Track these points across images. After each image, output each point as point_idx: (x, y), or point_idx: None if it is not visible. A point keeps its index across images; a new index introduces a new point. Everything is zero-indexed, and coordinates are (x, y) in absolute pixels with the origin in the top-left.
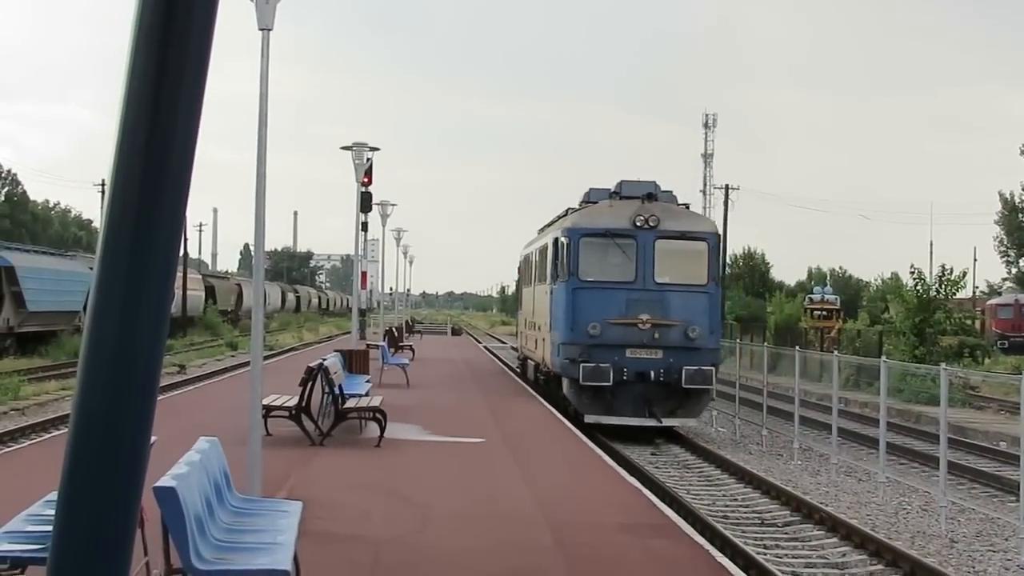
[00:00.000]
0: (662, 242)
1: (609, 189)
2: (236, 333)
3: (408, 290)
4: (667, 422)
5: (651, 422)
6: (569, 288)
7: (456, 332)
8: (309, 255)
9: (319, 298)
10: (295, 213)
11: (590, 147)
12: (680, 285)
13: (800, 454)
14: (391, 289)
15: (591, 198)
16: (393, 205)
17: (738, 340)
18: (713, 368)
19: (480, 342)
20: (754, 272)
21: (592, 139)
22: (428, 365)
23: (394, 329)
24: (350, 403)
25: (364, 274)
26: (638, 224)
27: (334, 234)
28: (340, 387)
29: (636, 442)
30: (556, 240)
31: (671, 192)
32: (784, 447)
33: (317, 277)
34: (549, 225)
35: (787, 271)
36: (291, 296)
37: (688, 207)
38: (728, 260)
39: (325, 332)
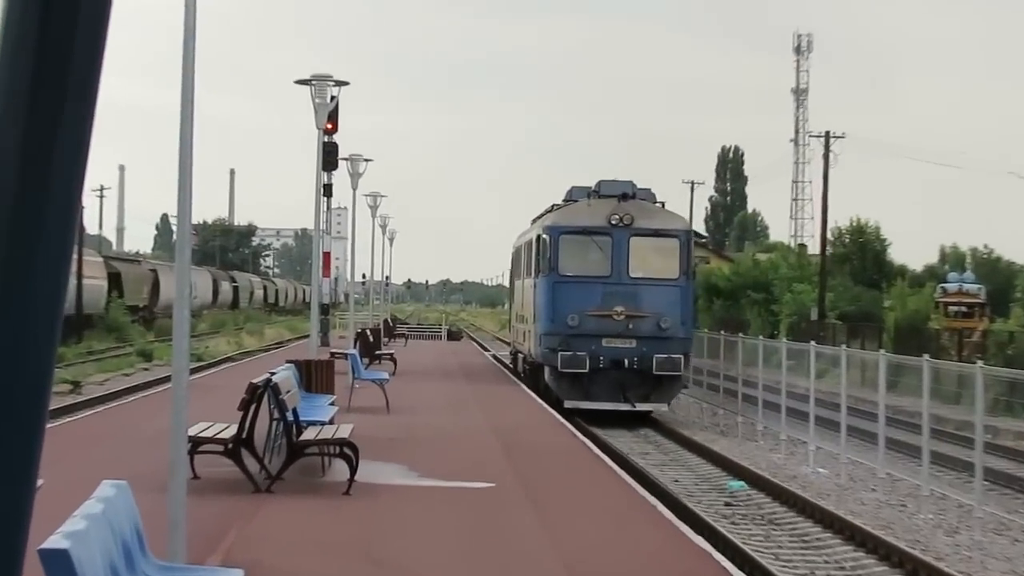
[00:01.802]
0: (636, 239)
1: (590, 188)
2: (151, 337)
3: (387, 278)
4: (640, 407)
5: (625, 406)
6: (550, 282)
7: (454, 335)
8: (251, 230)
9: (265, 289)
10: (232, 173)
11: (641, 84)
12: (653, 279)
13: (935, 501)
14: (365, 277)
15: (572, 196)
16: (367, 161)
17: (843, 346)
18: (683, 356)
19: (487, 350)
20: (865, 253)
21: (644, 72)
22: (416, 381)
23: (369, 332)
24: (308, 434)
25: (327, 256)
26: (614, 222)
27: (286, 202)
28: (295, 412)
29: (696, 488)
30: (539, 237)
31: (649, 190)
32: (910, 493)
33: (263, 260)
34: (539, 218)
35: (911, 251)
36: (226, 286)
37: (664, 206)
38: (829, 235)
39: (274, 336)
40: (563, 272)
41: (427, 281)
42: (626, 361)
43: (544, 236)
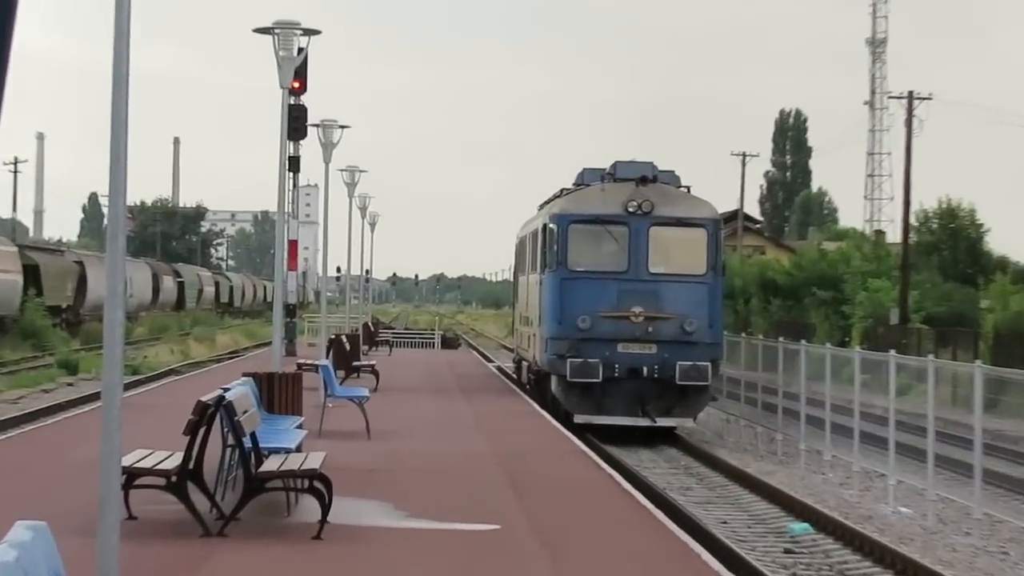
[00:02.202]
0: (657, 229)
1: (603, 170)
2: (76, 345)
3: (368, 273)
4: (662, 422)
5: (644, 422)
6: (557, 278)
7: (450, 343)
8: (200, 213)
9: (217, 286)
10: (176, 143)
11: (679, 33)
12: (676, 275)
13: None
14: (340, 271)
15: (584, 180)
16: (342, 128)
17: (930, 356)
18: (710, 364)
19: (491, 360)
20: (957, 241)
21: (683, 18)
22: (403, 399)
23: (345, 339)
24: (270, 464)
25: (294, 245)
26: (631, 209)
27: (243, 179)
28: (253, 437)
29: (749, 531)
30: (545, 226)
31: (672, 172)
32: (1013, 538)
33: (214, 250)
34: (547, 204)
35: (1014, 240)
36: (169, 283)
37: (689, 190)
38: (913, 219)
39: (228, 344)
40: (573, 267)
41: (416, 276)
42: (645, 369)
43: (551, 225)
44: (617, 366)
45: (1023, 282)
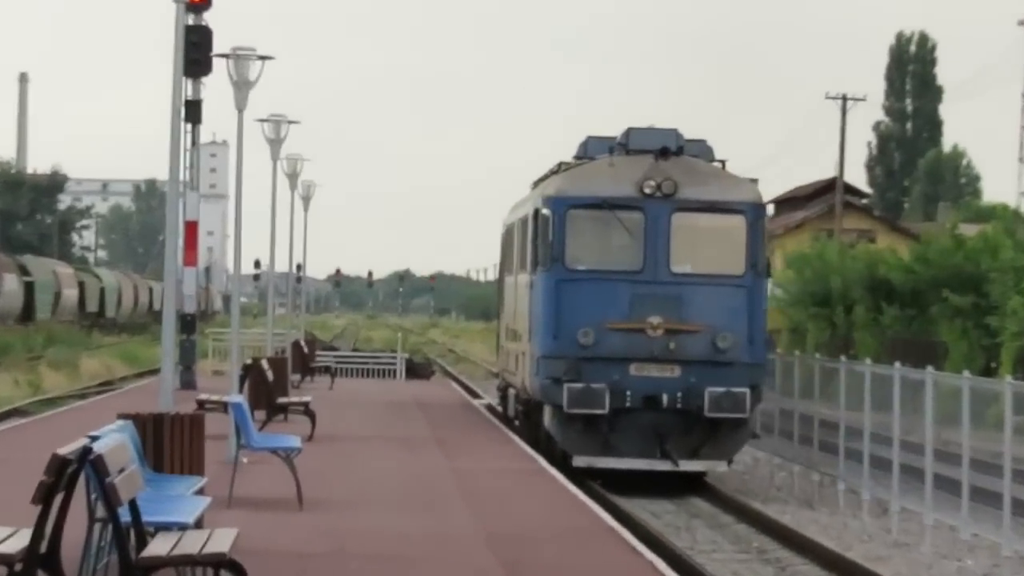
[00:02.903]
0: (681, 216)
1: (613, 140)
2: None
3: (300, 269)
4: (686, 466)
5: (665, 465)
6: (552, 280)
7: (419, 370)
8: (57, 183)
9: (82, 287)
10: (23, 80)
11: None
12: (706, 276)
13: None
14: (260, 266)
15: (588, 151)
16: (262, 60)
17: None
18: (750, 391)
19: (479, 396)
20: None
21: None
22: (350, 452)
23: (267, 364)
24: (157, 546)
25: (193, 228)
26: (647, 191)
27: (119, 135)
28: (133, 507)
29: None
30: (536, 212)
31: (704, 142)
32: None
33: (78, 236)
34: (541, 182)
35: None
36: (12, 283)
37: (724, 165)
38: None
39: (97, 371)
40: (572, 265)
41: (370, 275)
42: (665, 397)
43: (544, 211)
44: (629, 393)
45: None
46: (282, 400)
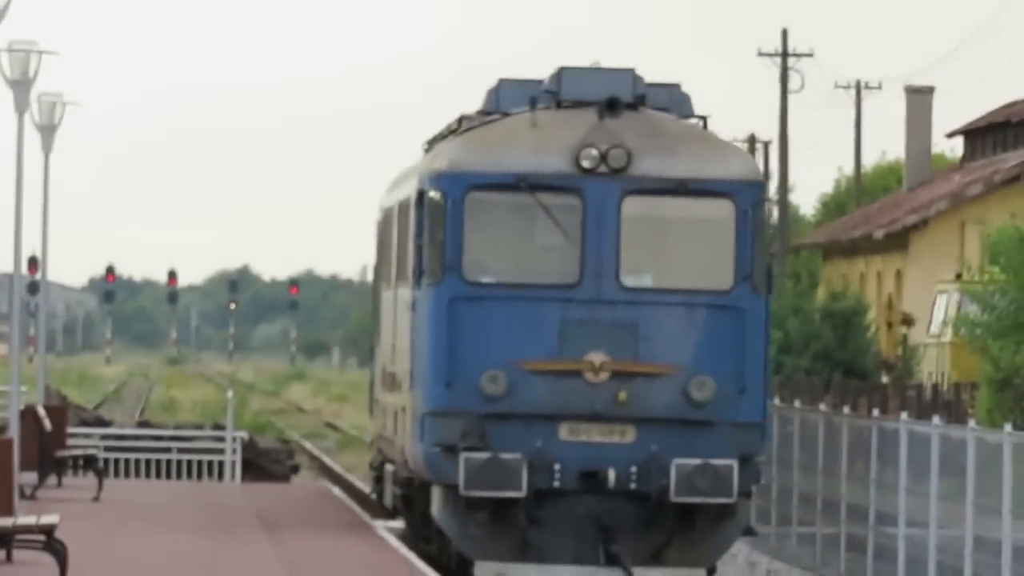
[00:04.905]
0: (638, 201)
1: (537, 85)
2: None
3: (36, 267)
4: (643, 575)
5: None
6: (443, 298)
7: (266, 465)
8: None
9: None
10: None
11: None
12: (675, 292)
13: None
14: None
15: (501, 103)
16: None
17: None
18: (735, 464)
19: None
20: None
21: None
22: None
23: None
24: None
25: None
26: (587, 164)
27: None
28: None
29: None
30: (421, 195)
31: (676, 87)
32: None
33: None
34: (432, 146)
35: None
36: None
37: (705, 124)
38: None
39: None
40: (473, 276)
41: (171, 276)
42: (612, 475)
43: (432, 194)
44: (558, 468)
45: None
46: (0, 524)
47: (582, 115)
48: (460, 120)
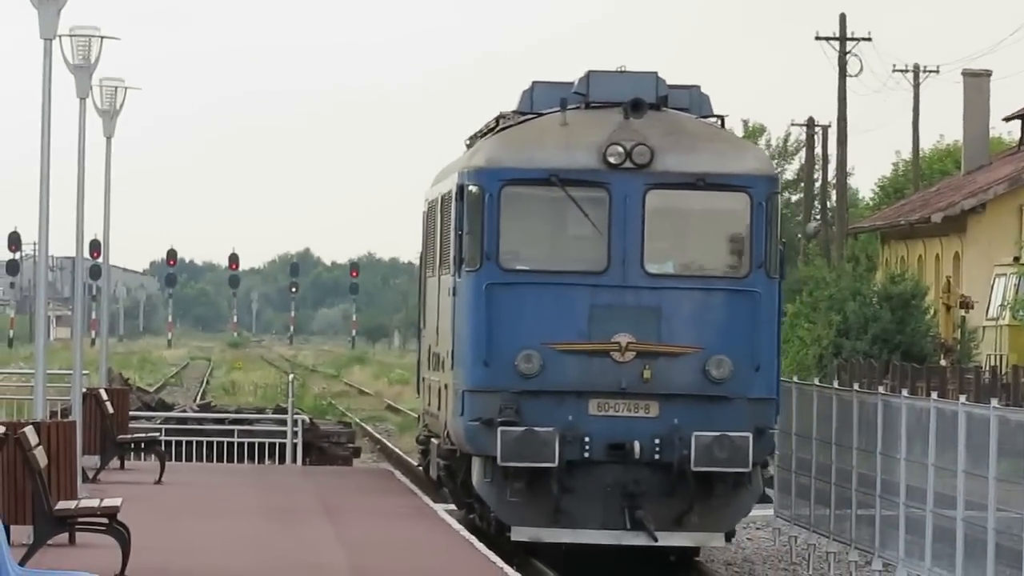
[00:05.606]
0: (661, 194)
1: (568, 87)
2: None
3: (99, 252)
4: (667, 540)
5: (638, 540)
6: (481, 284)
7: (327, 449)
8: None
9: None
10: None
11: None
12: (695, 278)
13: None
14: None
15: (534, 104)
16: None
17: None
18: (751, 436)
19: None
20: None
21: None
22: None
23: (33, 434)
24: None
25: None
26: (614, 160)
27: None
28: None
29: None
30: (461, 189)
31: (696, 89)
32: None
33: None
34: (473, 143)
35: None
36: None
37: (723, 123)
38: None
39: None
40: (509, 264)
41: (232, 260)
42: (638, 446)
43: (471, 188)
44: (588, 440)
45: None
46: (63, 507)
47: (609, 115)
48: (498, 119)
